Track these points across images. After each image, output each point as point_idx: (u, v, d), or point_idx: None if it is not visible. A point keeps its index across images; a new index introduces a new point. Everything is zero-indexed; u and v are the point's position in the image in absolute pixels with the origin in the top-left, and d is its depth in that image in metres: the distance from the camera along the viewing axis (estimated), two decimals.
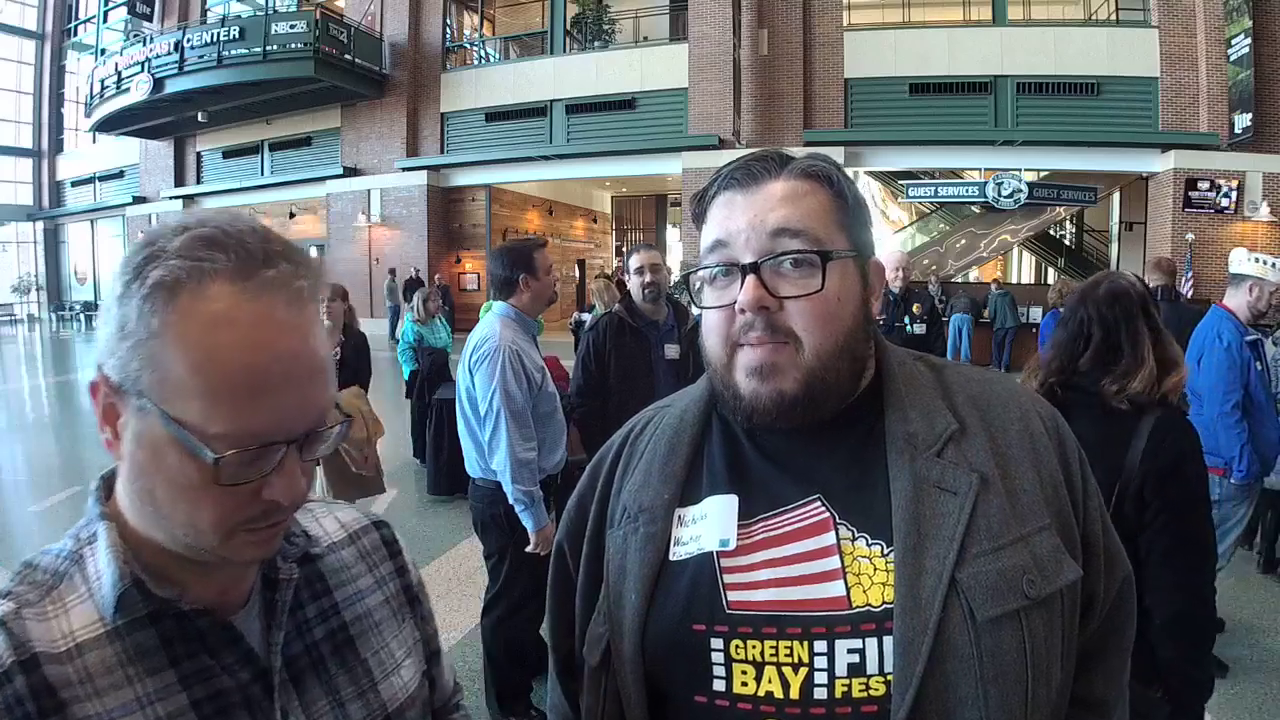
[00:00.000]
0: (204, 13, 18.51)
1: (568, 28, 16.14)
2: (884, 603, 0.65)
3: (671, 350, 3.07)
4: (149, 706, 0.56)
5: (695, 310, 0.84)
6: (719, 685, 0.67)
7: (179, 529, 0.56)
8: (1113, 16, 13.73)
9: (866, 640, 0.64)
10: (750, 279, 0.69)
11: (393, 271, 16.13)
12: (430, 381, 5.72)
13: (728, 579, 0.69)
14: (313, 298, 0.57)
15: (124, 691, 0.55)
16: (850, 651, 0.64)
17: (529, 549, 2.51)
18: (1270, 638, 3.37)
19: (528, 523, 2.47)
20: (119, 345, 0.53)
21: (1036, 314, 11.60)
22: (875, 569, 0.67)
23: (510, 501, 2.46)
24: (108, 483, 0.63)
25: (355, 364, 4.35)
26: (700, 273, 0.75)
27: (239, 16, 17.30)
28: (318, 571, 0.70)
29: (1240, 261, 3.12)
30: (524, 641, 2.73)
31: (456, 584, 3.92)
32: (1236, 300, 3.08)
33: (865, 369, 0.75)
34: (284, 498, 0.56)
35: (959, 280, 14.64)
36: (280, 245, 0.56)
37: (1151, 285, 4.24)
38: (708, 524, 0.72)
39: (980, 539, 0.65)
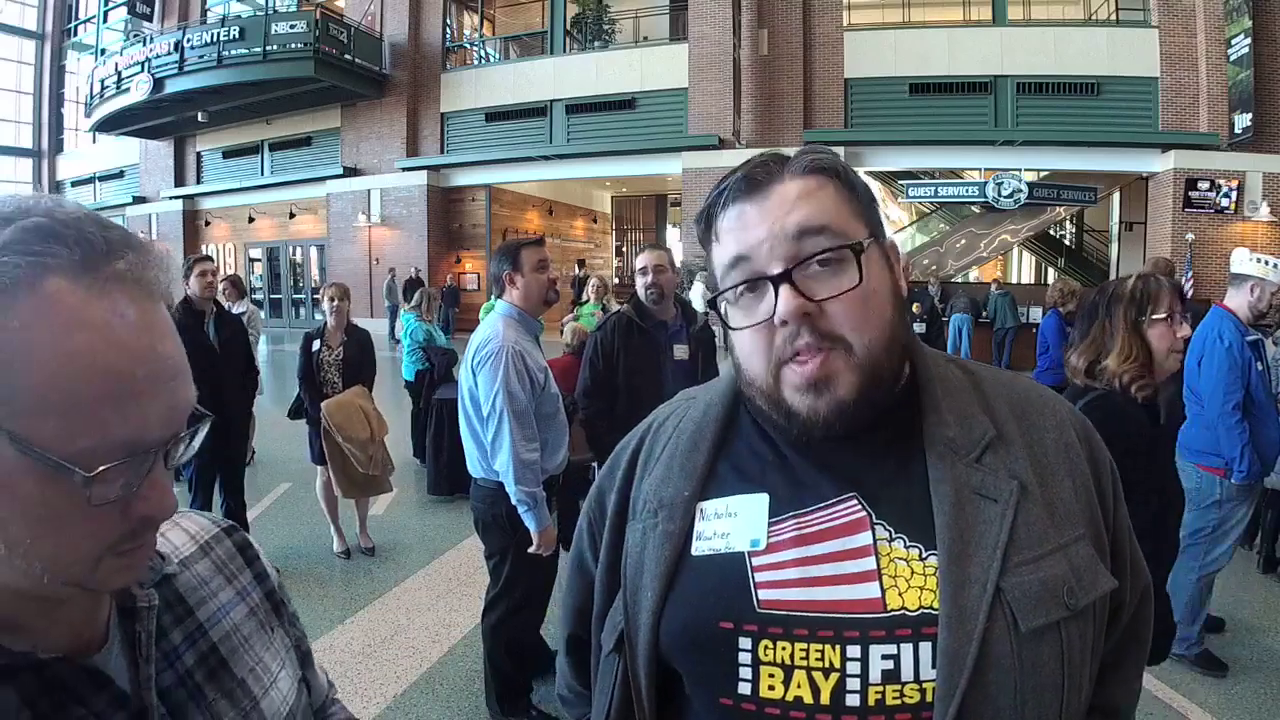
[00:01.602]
0: (204, 13, 18.52)
1: (568, 28, 16.14)
2: (920, 607, 0.63)
3: (680, 350, 3.06)
4: None
5: (717, 328, 0.82)
6: (745, 689, 0.65)
7: (38, 565, 0.49)
8: (1113, 16, 13.74)
9: (902, 646, 0.62)
10: (785, 289, 0.65)
11: (393, 271, 16.14)
12: (432, 381, 5.71)
13: (759, 577, 0.67)
14: (162, 291, 0.52)
15: None
16: (885, 657, 0.62)
17: (531, 550, 2.51)
18: (1270, 638, 3.37)
19: (530, 524, 2.47)
20: None
21: (1037, 314, 11.58)
22: (913, 572, 0.64)
23: (513, 502, 2.46)
24: None
25: (360, 360, 4.35)
26: (726, 294, 0.70)
27: (239, 16, 17.31)
28: (175, 593, 0.65)
29: (1242, 261, 3.12)
30: (524, 642, 2.73)
31: (456, 584, 3.91)
32: (1237, 300, 3.08)
33: (905, 360, 0.73)
34: (157, 511, 0.52)
35: (959, 280, 14.64)
36: (119, 233, 0.51)
37: None
38: (737, 523, 0.70)
39: (1021, 548, 0.64)
